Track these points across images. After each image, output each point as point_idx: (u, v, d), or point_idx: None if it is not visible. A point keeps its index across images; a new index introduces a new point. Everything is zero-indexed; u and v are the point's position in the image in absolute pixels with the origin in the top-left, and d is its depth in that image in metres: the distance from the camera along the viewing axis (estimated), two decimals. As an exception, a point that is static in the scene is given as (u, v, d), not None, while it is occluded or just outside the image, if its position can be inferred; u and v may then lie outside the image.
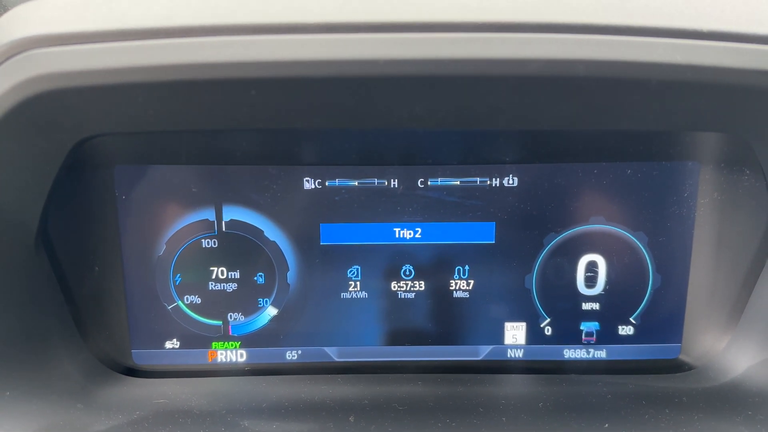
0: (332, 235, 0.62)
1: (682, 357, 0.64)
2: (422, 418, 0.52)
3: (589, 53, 0.38)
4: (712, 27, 0.39)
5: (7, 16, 0.41)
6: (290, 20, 0.38)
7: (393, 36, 0.38)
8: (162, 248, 0.61)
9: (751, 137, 0.47)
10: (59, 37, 0.39)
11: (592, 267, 0.63)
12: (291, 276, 0.62)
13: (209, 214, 0.61)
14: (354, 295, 0.63)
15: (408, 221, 0.62)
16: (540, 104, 0.42)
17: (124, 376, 0.62)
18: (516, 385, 0.60)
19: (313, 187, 0.60)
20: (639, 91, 0.40)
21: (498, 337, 0.65)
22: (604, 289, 0.63)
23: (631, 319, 0.64)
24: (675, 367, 0.63)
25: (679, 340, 0.64)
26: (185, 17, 0.39)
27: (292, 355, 0.64)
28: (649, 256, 0.63)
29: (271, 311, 0.63)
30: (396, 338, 0.65)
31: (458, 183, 0.61)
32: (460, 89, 0.40)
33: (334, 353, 0.65)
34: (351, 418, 0.52)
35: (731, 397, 0.56)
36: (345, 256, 0.62)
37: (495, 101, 0.41)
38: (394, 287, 0.63)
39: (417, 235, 0.62)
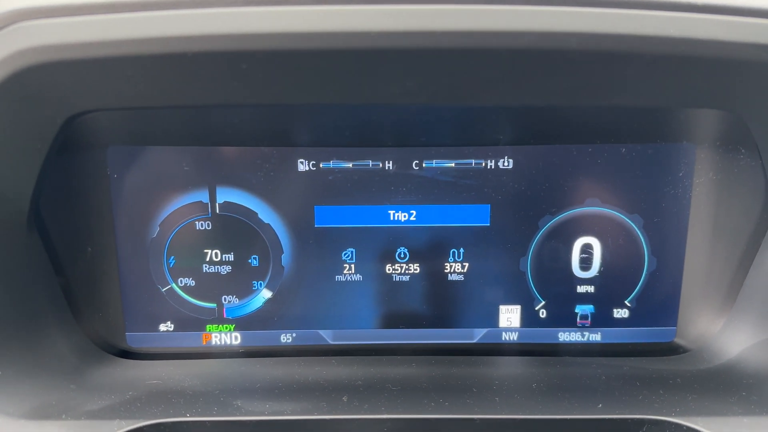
0: (327, 217, 0.61)
1: (678, 340, 0.64)
2: (415, 398, 0.52)
3: (582, 26, 0.37)
4: (707, 0, 0.38)
5: (-5, -11, 0.40)
6: (280, -7, 0.38)
7: (384, 8, 0.38)
8: (156, 230, 0.61)
9: (746, 114, 0.46)
10: (48, 9, 0.39)
11: (587, 250, 0.63)
12: (285, 258, 0.62)
13: (203, 196, 0.60)
14: (348, 278, 0.63)
15: (403, 203, 0.62)
16: (533, 79, 0.41)
17: (117, 358, 0.62)
18: (510, 366, 0.60)
19: (307, 168, 0.60)
20: (633, 65, 0.40)
21: (493, 319, 0.65)
22: (599, 272, 0.63)
23: (626, 302, 0.64)
24: (670, 349, 0.63)
25: (675, 323, 0.64)
26: (175, -10, 0.39)
27: (286, 337, 0.64)
28: (644, 238, 0.62)
29: (266, 294, 0.63)
30: (391, 321, 0.64)
31: (453, 165, 0.61)
32: (453, 62, 0.40)
33: (328, 336, 0.64)
34: (344, 398, 0.52)
35: (725, 379, 0.56)
36: (339, 238, 0.62)
37: (487, 75, 0.41)
38: (389, 270, 0.63)
39: (412, 218, 0.62)
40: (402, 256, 0.63)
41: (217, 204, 0.61)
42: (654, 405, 0.51)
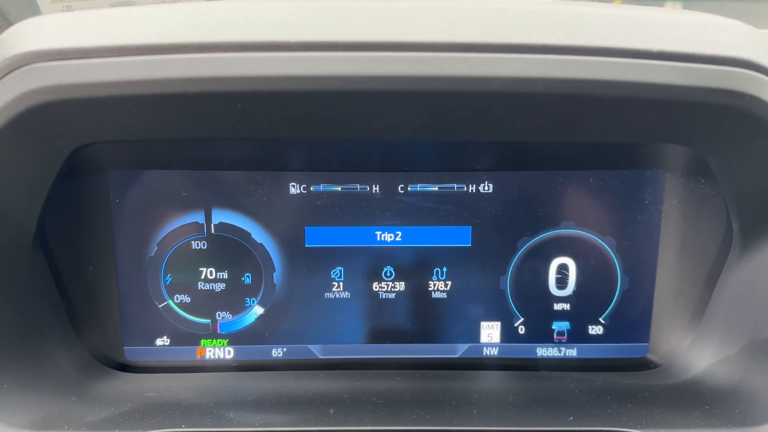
0: (317, 237, 0.65)
1: (649, 356, 0.67)
2: (398, 410, 0.55)
3: (548, 72, 0.41)
4: (662, 47, 0.42)
5: (9, 31, 0.44)
6: (273, 38, 0.42)
7: (367, 54, 0.41)
8: (154, 249, 0.64)
9: (703, 150, 0.50)
10: (58, 52, 0.42)
11: (563, 269, 0.66)
12: (277, 276, 0.65)
13: (199, 217, 0.64)
14: (337, 295, 0.66)
15: (389, 225, 0.65)
16: (504, 118, 0.45)
17: (116, 371, 0.65)
18: (489, 381, 0.63)
19: (298, 191, 0.64)
20: (595, 106, 0.44)
21: (474, 335, 0.68)
22: (575, 291, 0.67)
23: (600, 319, 0.67)
24: (642, 365, 0.67)
25: (647, 340, 0.68)
26: (176, 35, 0.42)
27: (277, 352, 0.67)
28: (617, 259, 0.66)
29: (258, 310, 0.66)
30: (377, 336, 0.68)
31: (436, 189, 0.64)
32: (430, 103, 0.43)
33: (318, 351, 0.68)
34: (331, 411, 0.55)
35: (691, 393, 0.59)
36: (329, 257, 0.65)
37: (462, 115, 0.45)
38: (376, 288, 0.66)
39: (397, 238, 0.65)
40: (388, 274, 0.66)
41: (212, 225, 0.64)
42: (622, 418, 0.54)
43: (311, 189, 0.64)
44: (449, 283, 0.67)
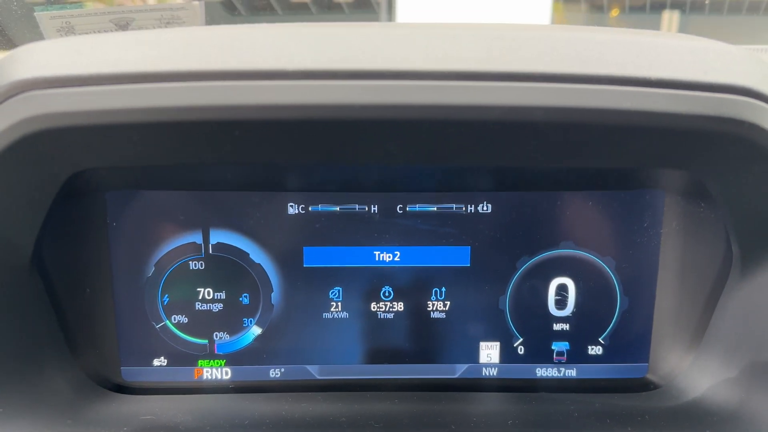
0: (315, 257, 0.64)
1: (649, 376, 0.67)
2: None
3: (546, 100, 0.41)
4: (660, 75, 0.42)
5: (6, 58, 0.44)
6: (269, 67, 0.42)
7: (364, 83, 0.41)
8: (151, 270, 0.64)
9: (702, 174, 0.50)
10: (55, 79, 0.42)
11: (562, 289, 0.66)
12: (275, 297, 0.65)
13: (197, 238, 0.63)
14: (335, 315, 0.66)
15: (387, 245, 0.65)
16: (502, 145, 0.45)
17: (113, 393, 0.64)
18: (489, 402, 0.63)
19: (296, 212, 0.63)
20: (593, 133, 0.44)
21: (473, 356, 0.68)
22: (574, 311, 0.66)
23: (600, 339, 0.67)
24: (642, 386, 0.66)
25: (647, 360, 0.67)
26: (172, 63, 0.42)
27: (275, 373, 0.67)
28: (616, 279, 0.66)
29: (256, 330, 0.66)
30: (376, 357, 0.67)
31: (435, 209, 0.64)
32: (428, 131, 0.43)
33: (315, 371, 0.67)
34: (329, 435, 0.55)
35: (692, 416, 0.59)
36: (327, 277, 0.65)
37: (461, 142, 0.44)
38: (374, 308, 0.66)
39: (396, 258, 0.65)
40: (387, 294, 0.66)
41: (210, 245, 0.64)
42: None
43: (309, 209, 0.63)
44: (448, 303, 0.66)
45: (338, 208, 0.64)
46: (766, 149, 0.44)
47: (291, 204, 0.63)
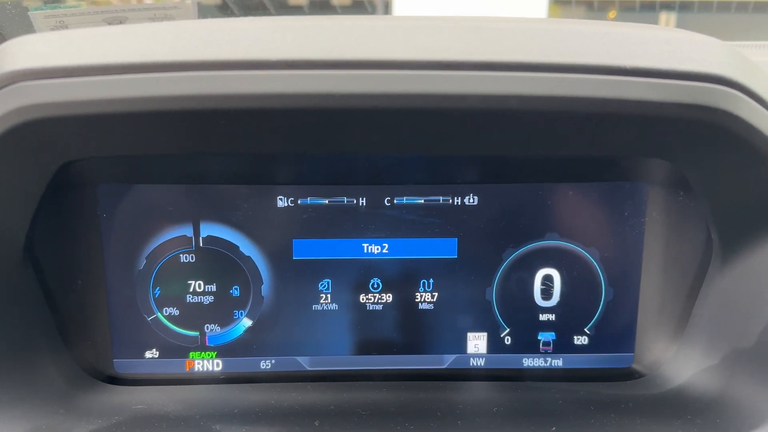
0: (304, 250, 0.65)
1: (635, 366, 0.68)
2: (383, 422, 0.56)
3: (522, 88, 0.42)
4: (635, 64, 0.43)
5: (-2, 50, 0.45)
6: (256, 57, 0.43)
7: (347, 72, 0.42)
8: (142, 263, 0.65)
9: (681, 164, 0.51)
10: (45, 70, 0.43)
11: (548, 280, 0.67)
12: (265, 289, 0.66)
13: (187, 231, 0.64)
14: (325, 307, 0.67)
15: (376, 237, 0.66)
16: (483, 133, 0.46)
17: (105, 384, 0.65)
18: (475, 391, 0.64)
19: (286, 205, 0.64)
20: (571, 122, 0.45)
21: (461, 346, 0.69)
22: (560, 302, 0.67)
23: (585, 329, 0.68)
24: (627, 375, 0.67)
25: (632, 350, 0.68)
26: (161, 53, 0.43)
27: (266, 364, 0.68)
28: (601, 270, 0.67)
29: (246, 322, 0.67)
30: (365, 348, 0.68)
31: (422, 202, 0.65)
32: (410, 120, 0.44)
33: (306, 362, 0.68)
34: (316, 423, 0.56)
35: (674, 403, 0.60)
36: (316, 270, 0.66)
37: (442, 130, 0.46)
38: (363, 299, 0.67)
39: (384, 251, 0.66)
40: (375, 286, 0.67)
41: (200, 238, 0.65)
42: (605, 428, 0.55)
43: (299, 202, 0.64)
44: (436, 294, 0.67)
45: (327, 201, 0.65)
46: (741, 137, 0.45)
47: (280, 197, 0.64)
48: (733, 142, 0.46)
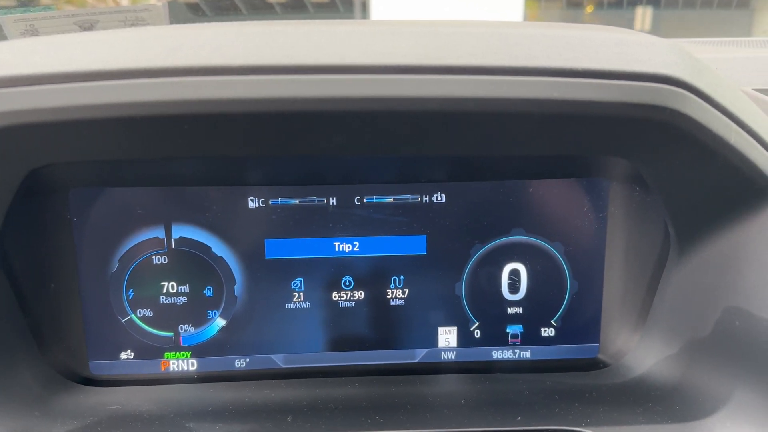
0: (276, 249, 0.66)
1: (600, 356, 0.70)
2: (354, 416, 0.57)
3: (478, 91, 0.43)
4: (586, 66, 0.45)
5: (-39, 59, 0.45)
6: (217, 63, 0.44)
7: (307, 77, 0.43)
8: (115, 265, 0.66)
9: (636, 161, 0.53)
10: (10, 79, 0.44)
11: (514, 275, 0.69)
12: (238, 289, 0.67)
13: (159, 233, 0.65)
14: (298, 306, 0.68)
15: (347, 236, 0.67)
16: (443, 135, 0.47)
17: (81, 386, 0.66)
18: (445, 384, 0.66)
19: (257, 205, 0.65)
20: (527, 122, 0.46)
21: (432, 340, 0.70)
22: (527, 295, 0.69)
23: (552, 321, 0.70)
24: (592, 365, 0.69)
25: (597, 341, 0.70)
26: (123, 61, 0.44)
27: (240, 363, 0.69)
28: (566, 264, 0.69)
29: (220, 322, 0.68)
30: (338, 344, 0.69)
31: (392, 200, 0.67)
32: (370, 123, 0.46)
33: (280, 360, 0.69)
34: (289, 419, 0.57)
35: (636, 392, 0.62)
36: (289, 269, 0.67)
37: (402, 132, 0.47)
38: (335, 297, 0.68)
39: (355, 249, 0.67)
40: (347, 284, 0.68)
41: (172, 239, 0.65)
42: (568, 417, 0.57)
43: (270, 203, 0.65)
44: (407, 290, 0.69)
45: (298, 201, 0.66)
46: (689, 134, 0.47)
47: (251, 198, 0.65)
48: (683, 140, 0.48)
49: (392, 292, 0.69)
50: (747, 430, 0.52)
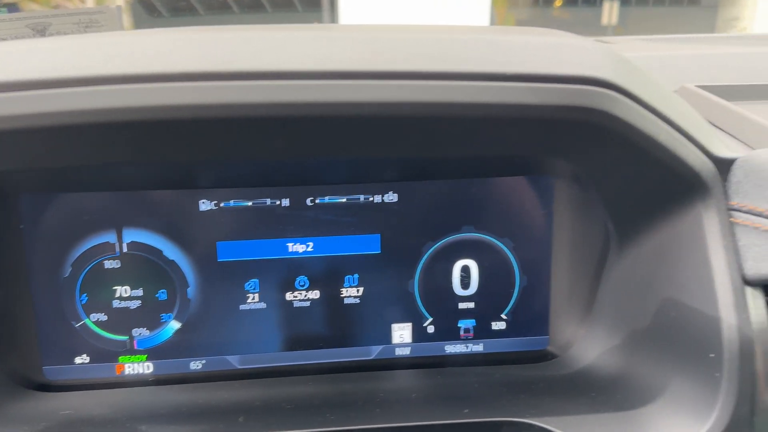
0: (229, 252, 0.67)
1: (550, 348, 0.72)
2: (305, 414, 0.58)
3: (412, 96, 0.45)
4: (516, 70, 0.46)
5: None
6: (155, 70, 0.44)
7: (245, 83, 0.44)
8: (68, 270, 0.66)
9: (572, 160, 0.55)
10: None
11: (466, 271, 0.70)
12: (191, 292, 0.68)
13: (111, 237, 0.65)
14: (252, 307, 0.69)
15: (300, 236, 0.68)
16: (381, 138, 0.48)
17: (35, 392, 0.66)
18: (397, 379, 0.67)
19: (209, 208, 0.66)
20: (463, 126, 0.48)
21: (387, 337, 0.72)
22: (478, 290, 0.71)
23: (502, 315, 0.72)
24: (542, 356, 0.71)
25: (547, 333, 0.72)
26: (62, 70, 0.44)
27: (196, 365, 0.69)
28: (515, 259, 0.71)
29: (175, 325, 0.68)
30: (294, 344, 0.70)
31: (345, 200, 0.68)
32: (310, 128, 0.47)
33: (236, 361, 0.70)
34: (241, 419, 0.58)
35: (581, 382, 0.64)
36: (242, 270, 0.68)
37: (339, 136, 0.48)
38: (290, 297, 0.69)
39: (309, 249, 0.68)
40: (302, 284, 0.69)
41: (124, 244, 0.66)
42: (513, 408, 0.59)
43: (221, 205, 0.66)
44: (361, 289, 0.70)
45: (250, 203, 0.66)
46: (620, 135, 0.49)
47: (203, 201, 0.66)
48: (614, 140, 0.50)
49: (347, 291, 0.70)
50: (682, 419, 0.54)
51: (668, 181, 0.54)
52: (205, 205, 0.66)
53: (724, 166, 0.54)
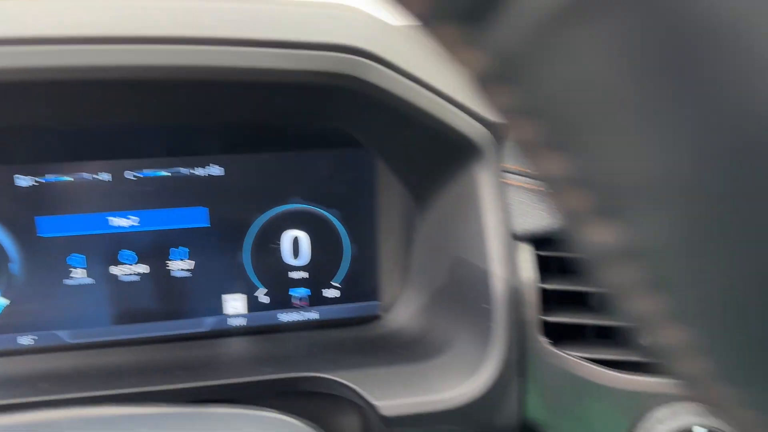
0: (49, 227, 0.67)
1: (381, 313, 0.75)
2: (118, 380, 0.60)
3: (162, 60, 0.46)
4: (270, 36, 0.48)
5: None
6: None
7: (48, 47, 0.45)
8: None
9: (349, 127, 0.57)
10: None
11: (296, 241, 0.73)
12: (14, 267, 0.68)
13: (-77, 215, 0.65)
14: (80, 282, 0.69)
15: (123, 210, 0.69)
16: (144, 103, 0.50)
17: None
18: (231, 347, 0.69)
19: (26, 183, 0.66)
20: (222, 90, 0.50)
21: (220, 309, 0.73)
22: (310, 260, 0.73)
23: (334, 283, 0.74)
24: (371, 320, 0.74)
25: (377, 298, 0.75)
26: None
27: (26, 340, 0.70)
28: (343, 229, 0.73)
29: (2, 302, 0.68)
30: (125, 318, 0.71)
31: (168, 174, 0.69)
32: (68, 92, 0.48)
33: (66, 336, 0.70)
34: (46, 386, 0.59)
35: (394, 341, 0.67)
36: (64, 246, 0.68)
37: (111, 100, 0.49)
38: (116, 272, 0.70)
39: (135, 223, 0.69)
40: (128, 258, 0.70)
41: (-62, 221, 0.65)
42: (335, 366, 0.61)
43: (39, 180, 0.66)
44: (192, 262, 0.71)
45: (70, 178, 0.67)
46: (378, 101, 0.52)
47: (18, 176, 0.66)
48: (375, 106, 0.52)
49: (176, 264, 0.71)
50: (464, 367, 0.58)
51: (446, 147, 0.57)
52: (22, 181, 0.66)
53: (499, 131, 0.58)
